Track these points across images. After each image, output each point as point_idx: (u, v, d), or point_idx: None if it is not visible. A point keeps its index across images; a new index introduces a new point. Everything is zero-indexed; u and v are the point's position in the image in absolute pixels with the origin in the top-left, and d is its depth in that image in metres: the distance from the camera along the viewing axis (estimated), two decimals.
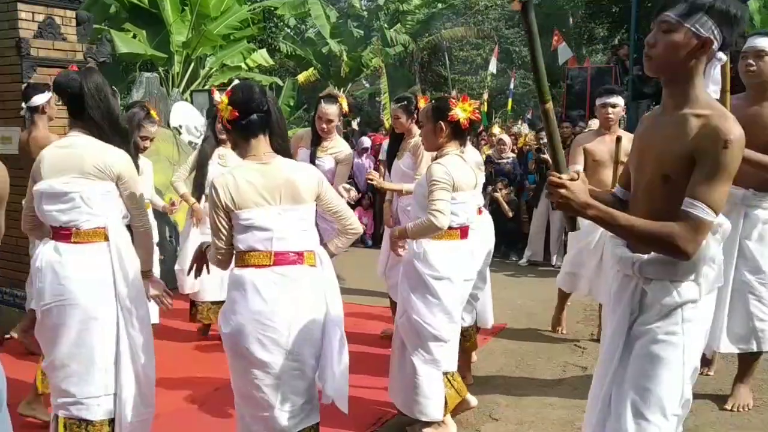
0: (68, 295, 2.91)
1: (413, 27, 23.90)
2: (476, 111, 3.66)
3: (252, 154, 2.80)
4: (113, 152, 3.02)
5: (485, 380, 4.59)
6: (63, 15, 5.83)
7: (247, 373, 2.74)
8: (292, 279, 2.73)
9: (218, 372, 4.70)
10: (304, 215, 2.80)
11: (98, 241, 2.97)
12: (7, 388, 1.95)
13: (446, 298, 3.60)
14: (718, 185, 2.05)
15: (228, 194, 2.71)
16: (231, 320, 2.74)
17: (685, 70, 2.14)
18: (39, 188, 2.99)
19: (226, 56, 15.92)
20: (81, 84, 2.97)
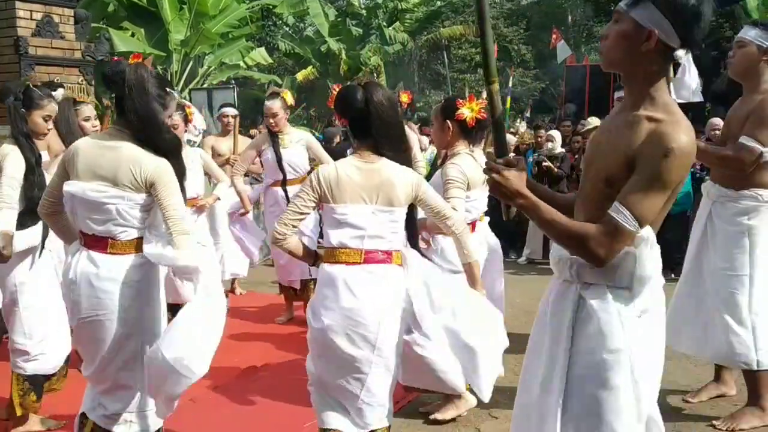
0: (105, 308, 2.79)
1: (412, 25, 23.92)
2: (483, 110, 3.71)
3: (359, 152, 2.88)
4: (148, 163, 2.76)
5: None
6: (61, 13, 5.83)
7: (335, 367, 2.83)
8: (381, 277, 2.82)
9: (213, 370, 4.70)
10: (396, 217, 2.87)
11: (134, 252, 2.81)
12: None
13: None
14: (650, 195, 1.89)
15: (328, 185, 2.79)
16: (322, 316, 2.80)
17: (640, 68, 1.97)
18: (71, 190, 2.79)
19: (225, 55, 15.93)
20: (124, 78, 2.72)
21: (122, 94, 2.75)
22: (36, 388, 3.70)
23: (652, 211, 1.92)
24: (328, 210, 2.83)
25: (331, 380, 2.87)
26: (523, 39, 28.71)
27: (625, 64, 1.99)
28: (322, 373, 2.91)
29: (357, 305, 2.76)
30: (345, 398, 2.87)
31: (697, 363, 4.49)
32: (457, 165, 3.66)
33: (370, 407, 2.86)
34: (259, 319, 5.98)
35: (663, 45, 1.92)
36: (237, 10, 15.46)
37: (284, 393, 4.29)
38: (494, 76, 2.13)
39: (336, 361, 2.82)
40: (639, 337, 2.01)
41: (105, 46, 6.62)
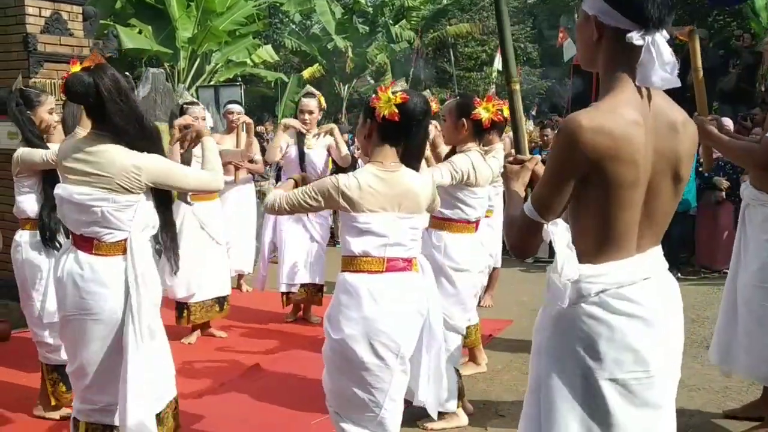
0: (89, 309, 2.83)
1: (418, 23, 23.88)
2: (499, 112, 3.69)
3: (379, 159, 2.79)
4: (139, 163, 2.80)
5: (492, 376, 4.60)
6: (70, 10, 5.84)
7: (357, 377, 2.76)
8: (402, 285, 2.79)
9: (220, 367, 4.74)
10: (416, 224, 2.85)
11: (119, 254, 2.85)
12: (11, 383, 1.94)
13: (464, 289, 3.78)
14: (543, 178, 1.85)
15: (348, 196, 2.71)
16: (343, 326, 2.74)
17: (598, 59, 1.85)
18: (59, 193, 2.86)
19: (232, 52, 15.96)
20: (98, 89, 2.73)
21: (99, 102, 2.75)
22: (65, 378, 3.78)
23: (545, 197, 1.81)
24: (348, 218, 2.76)
25: (352, 394, 2.80)
26: (530, 37, 28.66)
27: (586, 59, 1.90)
28: (341, 389, 2.83)
29: (380, 315, 2.71)
30: (367, 411, 2.80)
31: (704, 362, 4.48)
32: (467, 157, 3.67)
33: (391, 414, 2.82)
34: (265, 317, 5.99)
35: (613, 30, 1.77)
36: (244, 8, 15.47)
37: (291, 390, 4.30)
38: (514, 77, 2.17)
39: (357, 373, 2.75)
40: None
41: (113, 43, 6.64)
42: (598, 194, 1.75)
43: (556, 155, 1.78)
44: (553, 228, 1.80)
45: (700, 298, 6.52)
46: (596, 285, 1.79)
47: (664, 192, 1.83)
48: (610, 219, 1.78)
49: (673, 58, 1.73)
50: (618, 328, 1.78)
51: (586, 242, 1.81)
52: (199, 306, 5.28)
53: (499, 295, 6.56)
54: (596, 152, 1.70)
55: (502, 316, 6.04)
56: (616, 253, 1.80)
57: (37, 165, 3.66)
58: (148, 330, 2.89)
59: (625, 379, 1.79)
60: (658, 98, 1.81)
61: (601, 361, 1.78)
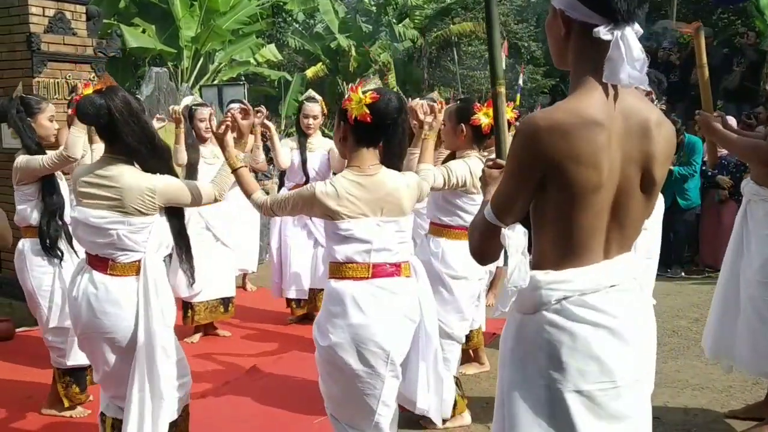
0: (104, 329, 2.87)
1: (422, 22, 23.84)
2: None
3: (356, 164, 2.74)
4: (153, 186, 2.84)
5: (495, 375, 4.56)
6: (73, 10, 5.84)
7: (348, 384, 2.75)
8: (390, 291, 2.74)
9: (224, 367, 4.75)
10: (402, 227, 2.81)
11: (133, 275, 2.89)
12: (18, 381, 1.96)
13: (461, 297, 3.71)
14: (502, 180, 1.80)
15: (325, 204, 2.67)
16: (330, 333, 2.71)
17: (567, 56, 1.77)
18: (76, 216, 2.92)
19: (235, 51, 15.97)
20: (110, 111, 2.78)
21: (112, 124, 2.80)
22: (78, 380, 3.85)
23: (501, 197, 1.76)
24: (331, 226, 2.73)
25: (345, 400, 2.80)
26: (533, 36, 28.62)
27: (557, 57, 1.81)
28: (335, 394, 2.84)
29: (366, 322, 2.68)
30: (362, 416, 2.80)
31: (707, 361, 4.48)
32: (465, 164, 3.60)
33: (386, 419, 2.81)
34: (269, 317, 6.00)
35: (580, 25, 1.69)
36: (247, 7, 15.49)
37: (294, 390, 4.31)
38: (500, 79, 2.16)
39: (347, 381, 2.74)
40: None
41: (116, 42, 6.63)
42: (558, 198, 1.68)
43: (514, 156, 1.71)
44: (509, 232, 1.74)
45: (704, 297, 6.50)
46: (557, 292, 1.71)
47: (634, 196, 1.73)
48: (571, 224, 1.70)
49: (643, 54, 1.65)
50: (581, 336, 1.69)
51: (547, 248, 1.75)
52: (204, 306, 5.28)
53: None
54: (553, 154, 1.63)
55: (505, 314, 6.01)
56: (579, 260, 1.72)
57: (36, 171, 3.67)
58: (162, 350, 2.91)
59: (591, 391, 1.70)
60: (630, 97, 1.72)
61: (565, 372, 1.69)
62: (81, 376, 3.87)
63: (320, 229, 5.46)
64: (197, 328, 5.41)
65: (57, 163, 3.63)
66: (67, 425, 3.84)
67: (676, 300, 6.45)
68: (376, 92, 2.73)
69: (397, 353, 2.77)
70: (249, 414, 4.00)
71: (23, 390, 4.26)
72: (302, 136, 5.58)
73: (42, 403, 3.97)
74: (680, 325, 5.67)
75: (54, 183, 3.76)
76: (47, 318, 3.80)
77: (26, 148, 3.73)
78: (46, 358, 4.00)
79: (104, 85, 2.87)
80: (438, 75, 26.49)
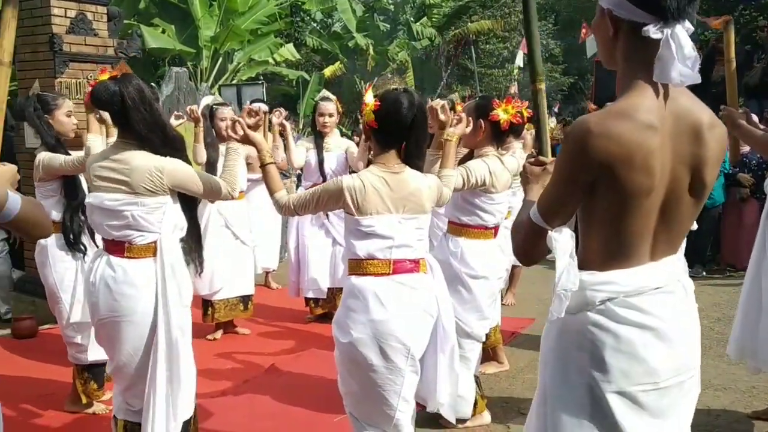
0: (122, 311, 2.90)
1: (439, 20, 23.79)
2: (518, 114, 3.64)
3: (382, 162, 2.78)
4: (161, 165, 2.89)
5: (514, 375, 4.58)
6: (94, 11, 5.90)
7: (367, 380, 2.76)
8: (410, 287, 2.76)
9: (244, 365, 4.78)
10: (422, 224, 2.83)
11: (150, 256, 2.93)
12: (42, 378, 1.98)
13: (480, 296, 3.70)
14: (549, 183, 1.78)
15: (354, 198, 2.70)
16: (351, 329, 2.73)
17: (615, 56, 1.74)
18: (91, 201, 2.96)
19: (254, 51, 16.02)
20: (123, 97, 2.83)
21: (124, 110, 2.85)
22: (96, 376, 3.91)
23: (550, 202, 1.74)
24: (352, 222, 2.75)
25: (365, 397, 2.80)
26: (552, 33, 28.47)
27: (605, 58, 1.78)
28: (355, 392, 2.84)
29: (387, 317, 2.69)
30: (381, 414, 2.80)
31: (730, 361, 4.43)
32: (485, 164, 3.58)
33: (405, 415, 2.82)
34: (288, 315, 6.03)
35: (629, 24, 1.66)
36: (266, 7, 15.52)
37: (313, 388, 4.32)
38: (540, 75, 2.12)
39: (367, 377, 2.75)
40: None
41: (137, 42, 6.69)
42: (608, 201, 1.66)
43: (564, 160, 1.69)
44: (556, 235, 1.72)
45: (726, 296, 6.44)
46: (602, 293, 1.70)
47: (683, 199, 1.70)
48: (620, 227, 1.68)
49: (695, 52, 1.61)
50: (625, 338, 1.68)
51: (594, 249, 1.73)
52: (223, 304, 5.31)
53: (520, 293, 6.53)
54: (605, 158, 1.60)
55: (524, 314, 6.02)
56: (626, 261, 1.71)
57: (56, 170, 3.71)
58: (179, 329, 2.95)
59: (634, 392, 1.69)
60: (682, 98, 1.68)
61: (608, 372, 1.68)
62: (99, 372, 3.91)
63: (338, 229, 5.48)
64: (218, 326, 5.44)
65: (77, 167, 3.66)
66: (88, 421, 3.88)
67: (698, 299, 6.26)
68: (383, 96, 2.76)
69: (416, 348, 2.79)
70: (268, 412, 4.01)
71: (46, 387, 4.31)
72: (318, 136, 5.59)
73: (64, 400, 4.01)
74: (702, 324, 5.52)
75: (75, 180, 3.80)
76: (68, 313, 3.83)
77: (46, 144, 3.77)
78: (64, 357, 4.03)
79: (120, 73, 2.92)
80: (456, 73, 26.44)
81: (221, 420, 3.84)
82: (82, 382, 3.91)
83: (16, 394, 4.15)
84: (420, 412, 3.94)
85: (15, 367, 4.70)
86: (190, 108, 5.06)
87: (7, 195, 1.78)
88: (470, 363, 3.70)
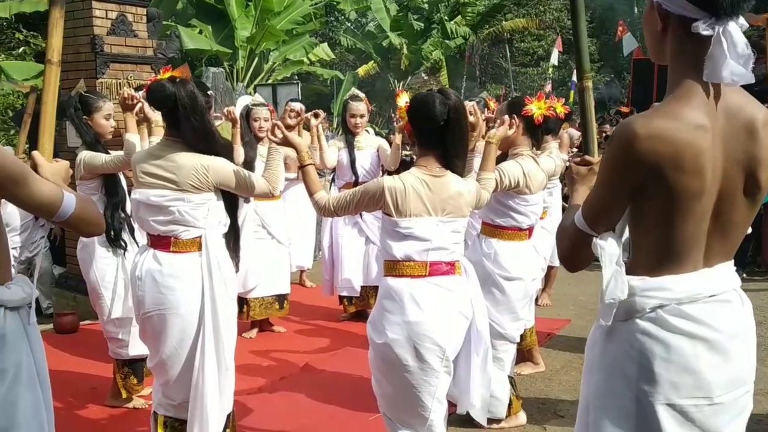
0: (168, 304, 2.97)
1: (474, 19, 23.71)
2: (551, 108, 3.62)
3: (424, 164, 2.77)
4: (207, 163, 2.95)
5: (550, 376, 4.55)
6: (134, 12, 5.99)
7: (402, 381, 2.76)
8: (446, 289, 2.76)
9: (279, 362, 4.82)
10: (459, 228, 2.83)
11: (195, 250, 2.99)
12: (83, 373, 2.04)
13: (514, 297, 3.68)
14: (594, 188, 1.71)
15: (394, 199, 2.70)
16: (386, 330, 2.74)
17: (664, 52, 1.67)
18: (137, 197, 3.03)
19: (289, 51, 16.15)
20: (176, 100, 2.88)
21: (175, 111, 2.91)
22: (135, 371, 4.00)
23: (595, 207, 1.67)
24: (390, 223, 2.74)
25: (400, 398, 2.81)
26: (588, 31, 28.16)
27: (654, 52, 1.70)
28: (389, 393, 2.84)
29: (423, 318, 2.69)
30: (416, 415, 2.80)
31: None
32: (517, 164, 3.56)
33: (438, 416, 2.81)
34: (323, 314, 6.05)
35: (679, 19, 1.58)
36: (301, 7, 15.66)
37: (348, 387, 4.34)
38: (588, 72, 2.07)
39: (402, 378, 2.75)
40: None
41: (175, 43, 6.80)
42: (657, 205, 1.59)
43: (609, 164, 1.62)
44: (602, 243, 1.66)
45: (767, 299, 6.31)
46: (652, 300, 1.62)
47: (737, 201, 1.63)
48: (671, 231, 1.61)
49: (749, 50, 1.52)
50: (676, 348, 1.61)
51: (643, 254, 1.67)
52: (259, 302, 5.35)
53: (556, 294, 6.48)
54: (654, 161, 1.53)
55: (559, 315, 5.97)
56: (677, 267, 1.63)
57: (98, 169, 3.78)
58: (226, 321, 3.02)
59: (683, 405, 1.61)
60: (734, 95, 1.60)
61: (656, 384, 1.61)
62: (138, 367, 3.99)
63: (372, 227, 5.50)
64: (253, 324, 5.49)
65: (118, 165, 3.73)
66: (128, 416, 3.95)
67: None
68: (413, 97, 2.77)
69: (451, 349, 2.79)
70: (304, 409, 4.04)
71: (88, 381, 4.40)
72: (350, 135, 5.62)
73: (105, 394, 4.09)
74: None
75: (116, 178, 3.88)
76: (109, 309, 3.91)
77: (87, 144, 3.86)
78: (108, 351, 4.12)
79: (180, 75, 2.99)
80: (490, 72, 26.32)
81: (258, 416, 3.88)
82: (122, 377, 3.99)
83: (59, 388, 4.16)
84: (452, 413, 3.95)
85: (57, 361, 4.79)
86: (228, 109, 5.11)
87: (63, 194, 1.82)
88: (504, 364, 3.69)
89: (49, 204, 1.78)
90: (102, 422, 3.88)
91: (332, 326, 5.75)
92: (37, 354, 1.86)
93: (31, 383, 1.81)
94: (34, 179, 1.76)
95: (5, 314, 1.76)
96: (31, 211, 1.88)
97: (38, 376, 1.85)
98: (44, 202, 1.77)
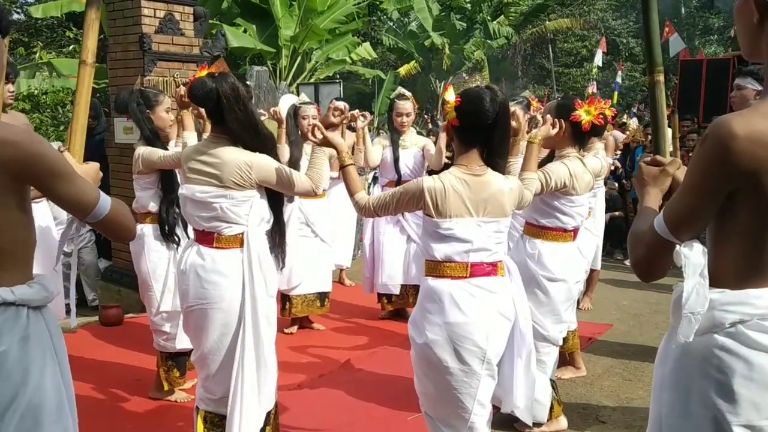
0: (210, 298, 3.00)
1: (516, 19, 23.54)
2: (600, 116, 3.56)
3: (464, 163, 2.74)
4: (251, 161, 2.96)
5: (591, 381, 4.49)
6: (182, 11, 6.09)
7: (443, 382, 2.76)
8: (488, 290, 2.74)
9: (319, 359, 4.85)
10: (501, 228, 2.79)
11: (237, 247, 3.01)
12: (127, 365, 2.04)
13: (557, 299, 3.65)
14: (680, 192, 1.58)
15: (433, 199, 2.68)
16: (426, 331, 2.73)
17: (760, 46, 1.54)
18: (183, 193, 3.09)
19: (332, 50, 16.23)
20: (218, 95, 2.91)
21: (219, 108, 2.93)
22: (179, 365, 4.07)
23: (680, 214, 1.55)
24: (431, 224, 2.71)
25: (441, 398, 2.80)
26: (633, 32, 27.74)
27: (747, 48, 1.57)
28: (430, 393, 2.84)
29: (464, 320, 2.68)
30: (457, 415, 2.79)
31: None
32: (566, 167, 3.52)
33: (481, 419, 2.80)
34: (362, 312, 6.08)
35: None
36: (344, 6, 15.72)
37: (388, 386, 4.34)
38: (659, 65, 1.93)
39: (443, 379, 2.74)
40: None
41: (221, 42, 6.87)
42: (749, 213, 1.49)
43: (701, 166, 1.50)
44: (687, 251, 1.55)
45: None
46: (733, 314, 1.53)
47: None
48: (761, 242, 1.50)
49: None
50: (758, 366, 1.50)
51: (727, 265, 1.56)
52: (301, 299, 5.40)
53: (597, 298, 6.40)
54: (751, 164, 1.42)
55: (601, 319, 5.89)
56: (764, 280, 1.53)
57: (155, 164, 3.85)
58: (265, 318, 3.04)
59: (765, 428, 1.51)
60: None
61: (736, 404, 1.51)
62: (181, 360, 4.06)
63: (413, 226, 5.50)
64: (294, 320, 5.54)
65: (175, 162, 3.78)
66: (170, 408, 4.02)
67: None
68: (464, 93, 2.72)
69: (493, 352, 2.76)
70: (343, 407, 4.06)
71: (132, 373, 4.49)
72: (395, 134, 5.63)
73: (148, 386, 4.17)
74: None
75: (172, 174, 3.95)
76: (159, 301, 3.98)
77: (146, 140, 3.93)
78: (153, 343, 4.19)
79: (218, 70, 3.02)
80: (532, 72, 26.11)
81: (298, 412, 3.91)
82: (165, 370, 4.06)
83: (104, 379, 4.33)
84: (495, 414, 3.93)
85: (103, 353, 4.90)
86: (273, 109, 5.16)
87: (99, 194, 1.85)
88: (546, 367, 3.66)
89: (86, 202, 1.81)
90: (145, 414, 3.95)
91: (371, 325, 5.76)
92: (60, 354, 1.85)
93: (55, 384, 1.79)
94: (73, 176, 1.79)
95: (29, 314, 1.75)
96: (66, 208, 1.90)
97: (62, 377, 1.83)
98: (82, 200, 1.80)
